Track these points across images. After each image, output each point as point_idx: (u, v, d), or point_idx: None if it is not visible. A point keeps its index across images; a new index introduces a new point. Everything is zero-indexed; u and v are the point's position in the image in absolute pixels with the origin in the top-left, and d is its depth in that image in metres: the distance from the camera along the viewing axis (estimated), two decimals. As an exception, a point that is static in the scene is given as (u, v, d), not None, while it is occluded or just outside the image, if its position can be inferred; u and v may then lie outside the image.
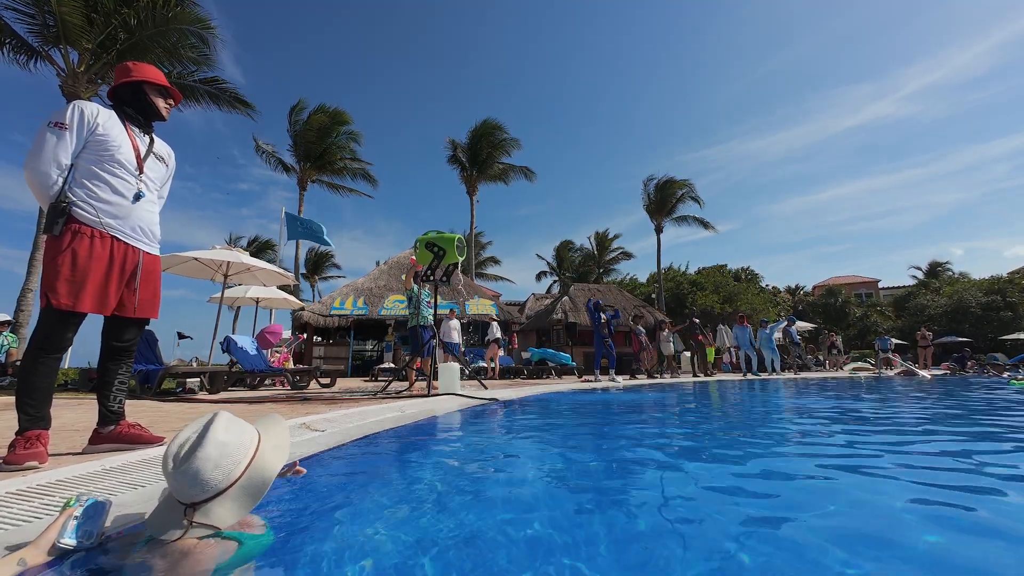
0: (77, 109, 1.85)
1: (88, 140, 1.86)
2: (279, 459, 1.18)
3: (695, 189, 25.04)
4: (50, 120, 1.80)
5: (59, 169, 1.79)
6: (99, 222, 1.84)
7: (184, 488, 1.03)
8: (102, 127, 1.88)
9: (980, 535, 1.10)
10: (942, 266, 36.72)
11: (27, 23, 10.69)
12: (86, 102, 1.89)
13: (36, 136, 1.79)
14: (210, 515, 1.03)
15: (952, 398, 4.31)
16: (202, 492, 1.03)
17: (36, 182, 1.78)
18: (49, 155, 1.77)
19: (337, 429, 2.60)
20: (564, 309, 17.44)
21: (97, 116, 1.88)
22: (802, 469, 1.85)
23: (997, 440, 2.52)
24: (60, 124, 1.80)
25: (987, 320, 24.29)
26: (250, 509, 1.09)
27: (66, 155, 1.80)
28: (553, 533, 1.13)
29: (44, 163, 1.76)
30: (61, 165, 1.79)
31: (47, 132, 1.79)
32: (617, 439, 2.63)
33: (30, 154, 1.78)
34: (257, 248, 30.82)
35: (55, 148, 1.78)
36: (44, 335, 1.77)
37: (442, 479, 1.74)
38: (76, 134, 1.82)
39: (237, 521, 1.07)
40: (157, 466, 1.62)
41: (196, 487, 1.02)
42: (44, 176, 1.76)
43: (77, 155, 1.85)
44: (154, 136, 2.10)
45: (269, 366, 7.36)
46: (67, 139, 1.80)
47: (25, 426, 1.69)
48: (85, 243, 1.80)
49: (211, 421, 1.10)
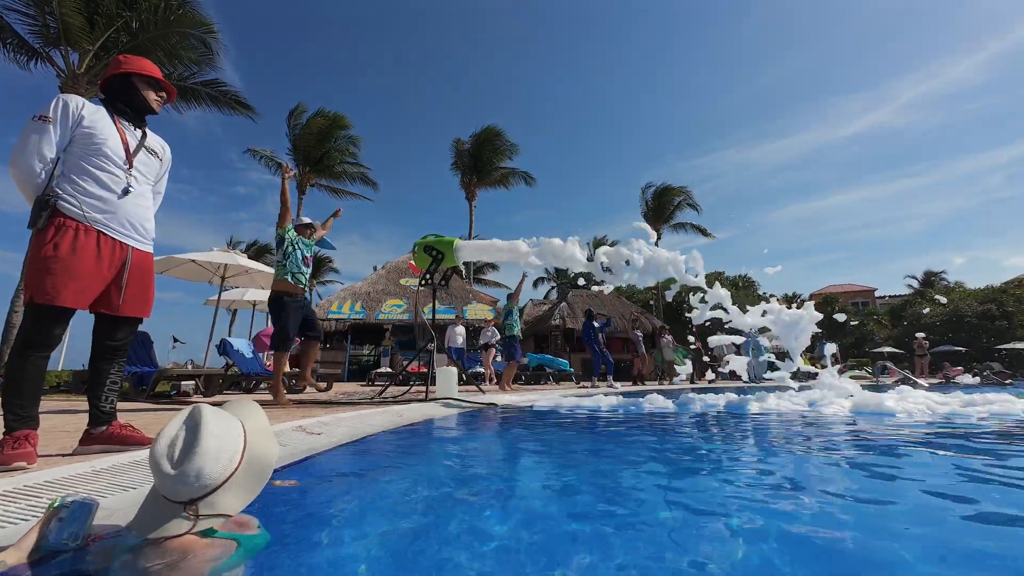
0: (61, 102, 1.82)
1: (74, 133, 1.83)
2: (270, 443, 1.16)
3: (693, 196, 25.17)
4: (34, 114, 1.78)
5: (42, 162, 1.76)
6: (84, 215, 1.80)
7: (186, 487, 0.99)
8: (88, 119, 1.85)
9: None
10: (936, 276, 36.90)
11: (28, 24, 10.71)
12: (71, 95, 1.87)
13: (22, 131, 1.77)
14: (217, 505, 1.01)
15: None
16: (204, 488, 1.00)
17: (20, 176, 1.76)
18: (33, 148, 1.74)
19: (334, 432, 2.56)
20: (562, 315, 17.40)
21: (82, 109, 1.85)
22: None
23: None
24: (44, 117, 1.77)
25: (983, 329, 24.38)
26: (256, 493, 1.07)
27: (50, 148, 1.78)
28: (549, 534, 1.10)
29: (28, 156, 1.74)
30: (45, 158, 1.77)
31: (31, 125, 1.77)
32: (605, 445, 2.60)
33: (15, 148, 1.76)
34: (256, 252, 30.74)
35: (39, 141, 1.75)
36: (29, 332, 1.73)
37: (437, 483, 1.71)
38: (60, 126, 1.80)
39: (245, 506, 1.05)
40: (148, 468, 1.58)
41: (199, 484, 0.99)
42: (28, 169, 1.74)
43: (63, 148, 1.82)
44: (147, 130, 2.07)
45: (266, 369, 7.30)
46: (51, 132, 1.77)
47: (12, 426, 1.65)
48: (69, 236, 1.76)
49: (196, 416, 1.06)
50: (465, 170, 23.51)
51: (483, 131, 23.09)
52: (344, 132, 20.97)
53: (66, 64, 10.94)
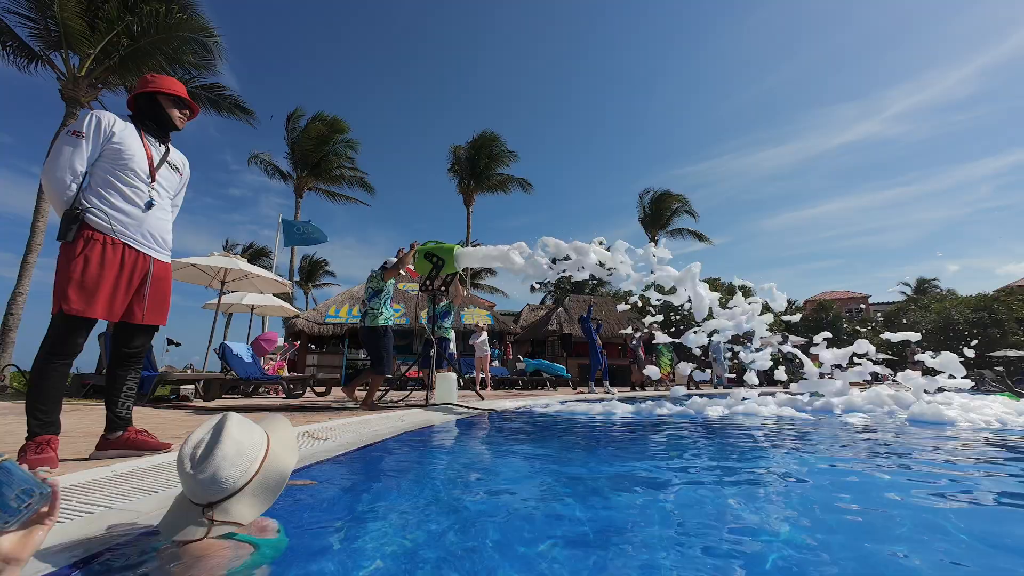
0: (94, 119, 1.89)
1: (104, 148, 1.90)
2: (290, 456, 1.20)
3: (690, 203, 25.38)
4: (68, 128, 1.85)
5: (74, 176, 1.83)
6: (111, 229, 1.87)
7: (202, 488, 1.04)
8: (118, 136, 1.92)
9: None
10: (929, 283, 37.31)
11: (29, 27, 10.73)
12: (103, 112, 1.94)
13: (54, 144, 1.83)
14: (230, 513, 1.05)
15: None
16: (221, 491, 1.04)
17: (52, 188, 1.82)
18: (65, 162, 1.81)
19: (340, 437, 2.61)
20: (559, 320, 17.48)
21: (113, 125, 1.93)
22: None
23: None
24: (77, 133, 1.84)
25: (975, 337, 24.64)
26: (269, 504, 1.11)
27: (81, 162, 1.84)
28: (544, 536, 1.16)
29: (60, 170, 1.80)
30: (76, 172, 1.83)
31: (64, 139, 1.84)
32: (604, 448, 2.66)
33: (47, 161, 1.83)
34: (252, 255, 30.65)
35: (71, 156, 1.82)
36: (55, 340, 1.79)
37: (443, 487, 1.77)
38: (92, 142, 1.87)
39: (257, 517, 1.09)
40: (168, 472, 1.64)
41: (215, 486, 1.04)
42: (60, 183, 1.80)
43: (93, 163, 1.89)
44: (170, 146, 2.15)
45: (264, 374, 7.32)
46: (83, 147, 1.84)
47: (36, 431, 1.70)
48: (97, 250, 1.83)
49: (223, 422, 1.12)
50: (462, 175, 23.61)
51: (480, 136, 23.22)
52: (342, 136, 21.03)
53: (66, 67, 10.95)
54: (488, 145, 23.22)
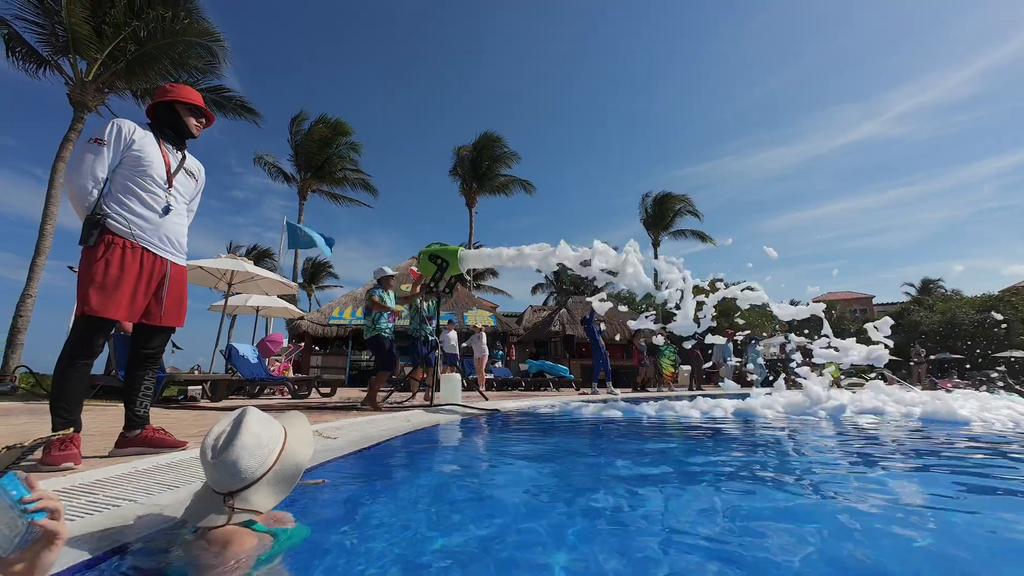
0: (115, 127, 1.96)
1: (124, 155, 1.96)
2: (306, 449, 1.26)
3: (693, 203, 25.37)
4: (90, 136, 1.92)
5: (95, 182, 1.89)
6: (131, 233, 1.93)
7: (224, 477, 1.10)
8: (137, 143, 1.99)
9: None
10: (934, 283, 37.16)
11: (37, 33, 10.87)
12: (124, 120, 2.00)
13: (76, 151, 1.90)
14: (249, 501, 1.11)
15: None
16: (240, 480, 1.10)
17: (74, 195, 1.88)
18: (87, 169, 1.87)
19: (348, 436, 2.67)
20: (562, 322, 17.52)
21: (133, 133, 1.99)
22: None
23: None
24: (99, 140, 1.90)
25: (980, 337, 24.54)
26: (286, 494, 1.17)
27: (103, 169, 1.91)
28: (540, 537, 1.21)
29: (82, 176, 1.87)
30: (97, 179, 1.89)
31: (86, 147, 1.90)
32: (607, 446, 2.71)
33: (69, 168, 1.90)
34: (256, 257, 30.80)
35: (93, 163, 1.88)
36: (77, 342, 1.85)
37: (450, 485, 1.82)
38: (113, 149, 1.93)
39: (275, 506, 1.15)
40: (185, 468, 1.70)
41: (235, 475, 1.10)
42: (82, 189, 1.86)
43: (113, 169, 1.95)
44: (186, 152, 2.21)
45: (270, 375, 7.39)
46: (104, 154, 1.90)
47: (59, 429, 1.76)
48: (117, 254, 1.89)
49: (243, 415, 1.19)
50: (465, 177, 23.71)
51: (483, 137, 23.31)
52: (345, 139, 21.16)
53: (74, 72, 11.09)
54: (491, 146, 23.31)
